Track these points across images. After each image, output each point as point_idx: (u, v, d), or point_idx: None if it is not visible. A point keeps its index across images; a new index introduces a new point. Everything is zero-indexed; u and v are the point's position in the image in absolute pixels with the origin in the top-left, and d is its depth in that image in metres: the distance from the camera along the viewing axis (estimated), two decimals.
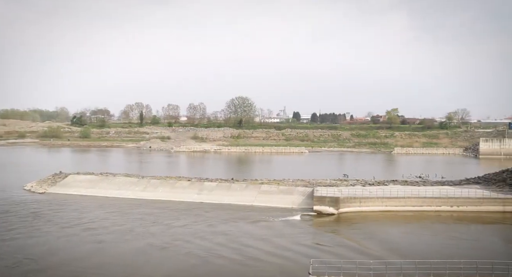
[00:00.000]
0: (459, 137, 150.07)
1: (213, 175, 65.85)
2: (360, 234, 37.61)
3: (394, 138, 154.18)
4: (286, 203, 48.40)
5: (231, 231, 37.76)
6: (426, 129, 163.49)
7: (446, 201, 46.34)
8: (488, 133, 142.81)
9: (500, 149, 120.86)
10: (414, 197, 46.69)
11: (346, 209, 45.34)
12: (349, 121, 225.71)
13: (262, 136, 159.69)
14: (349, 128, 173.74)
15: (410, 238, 36.78)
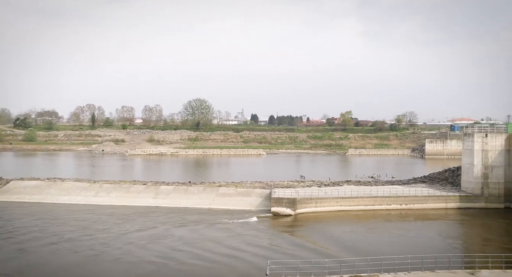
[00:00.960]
0: (407, 139, 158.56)
1: (170, 178, 64.54)
2: (316, 234, 38.54)
3: (348, 139, 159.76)
4: (244, 205, 48.52)
5: (187, 235, 37.19)
6: (377, 131, 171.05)
7: (395, 200, 48.76)
8: (433, 135, 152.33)
9: (443, 150, 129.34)
10: (366, 196, 48.69)
11: (303, 209, 46.29)
12: (306, 123, 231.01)
13: (220, 139, 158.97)
14: (305, 130, 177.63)
15: (363, 236, 38.24)
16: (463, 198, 49.58)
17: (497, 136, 50.85)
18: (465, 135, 53.41)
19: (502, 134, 51.10)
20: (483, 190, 49.99)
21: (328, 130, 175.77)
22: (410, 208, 48.01)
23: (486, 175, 50.31)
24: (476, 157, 50.60)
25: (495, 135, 50.92)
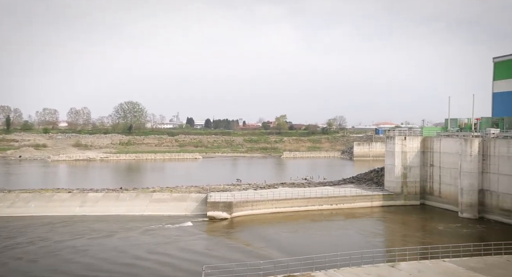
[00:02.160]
0: (337, 142, 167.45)
1: (99, 185, 60.81)
2: (252, 236, 38.93)
3: (283, 143, 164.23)
4: (179, 211, 47.43)
5: (118, 244, 35.35)
6: (310, 134, 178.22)
7: (327, 200, 51.14)
8: (360, 138, 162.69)
9: (369, 152, 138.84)
10: (300, 198, 50.41)
11: (239, 213, 46.53)
12: (242, 127, 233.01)
13: (154, 143, 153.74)
14: (242, 134, 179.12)
15: (297, 236, 39.50)
16: (386, 196, 53.60)
17: (414, 139, 55.86)
18: (388, 138, 57.84)
19: (418, 137, 56.27)
20: (403, 188, 54.52)
21: (264, 134, 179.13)
22: (340, 208, 50.66)
23: (405, 174, 54.96)
24: (396, 158, 55.04)
25: (413, 138, 55.91)
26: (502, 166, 44.16)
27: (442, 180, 52.55)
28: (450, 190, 50.89)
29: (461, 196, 46.79)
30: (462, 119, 61.97)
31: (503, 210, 43.87)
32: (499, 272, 23.45)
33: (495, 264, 24.83)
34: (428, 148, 55.26)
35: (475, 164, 46.20)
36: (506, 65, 62.88)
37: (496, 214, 44.49)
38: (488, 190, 45.77)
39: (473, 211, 45.90)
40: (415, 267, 24.21)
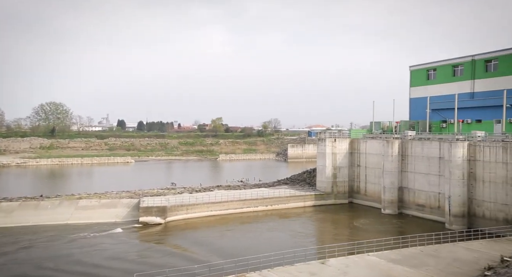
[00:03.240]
0: (272, 144, 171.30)
1: (15, 193, 55.18)
2: (186, 240, 38.18)
3: (219, 145, 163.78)
4: (109, 217, 44.91)
5: (37, 256, 32.40)
6: (246, 136, 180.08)
7: (262, 202, 52.02)
8: (294, 140, 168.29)
9: (303, 153, 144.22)
10: (236, 200, 50.64)
11: (174, 217, 45.40)
12: (177, 129, 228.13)
13: (81, 146, 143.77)
14: (177, 137, 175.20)
15: (232, 238, 39.57)
16: (318, 196, 56.04)
17: (343, 141, 59.21)
18: (319, 140, 60.59)
19: (347, 139, 59.77)
20: (333, 188, 57.46)
21: (200, 136, 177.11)
22: (275, 209, 51.85)
23: (335, 175, 57.99)
24: (327, 159, 57.86)
25: (342, 140, 59.23)
26: (418, 165, 48.62)
27: (368, 179, 56.36)
28: (375, 189, 54.76)
29: (384, 193, 50.59)
30: (385, 122, 67.19)
31: (418, 205, 48.31)
32: (414, 262, 25.73)
33: (411, 255, 27.21)
34: (356, 149, 58.94)
35: (395, 163, 50.27)
36: (420, 73, 69.57)
37: (413, 209, 48.83)
38: (406, 187, 50.07)
39: (393, 207, 49.86)
40: (343, 262, 25.60)
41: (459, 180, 41.55)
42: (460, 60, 62.91)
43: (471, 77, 61.00)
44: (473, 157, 41.69)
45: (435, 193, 46.18)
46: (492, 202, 39.96)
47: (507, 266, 22.38)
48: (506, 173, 38.64)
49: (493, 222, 39.06)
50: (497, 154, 39.56)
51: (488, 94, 56.57)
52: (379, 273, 23.73)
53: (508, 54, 56.36)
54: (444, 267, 24.74)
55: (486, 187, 40.48)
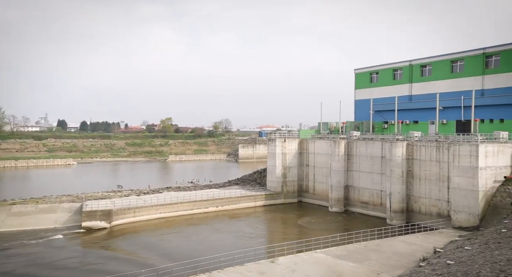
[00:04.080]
0: (223, 144, 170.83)
1: None
2: (134, 245, 36.83)
3: (168, 146, 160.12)
4: (47, 223, 42.08)
5: None
6: (197, 137, 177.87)
7: (212, 203, 51.64)
8: (245, 140, 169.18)
9: (253, 154, 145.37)
10: (186, 201, 49.78)
11: (120, 221, 43.62)
12: (124, 130, 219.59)
13: (16, 148, 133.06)
14: (123, 137, 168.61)
15: (182, 241, 38.81)
16: (268, 196, 56.76)
17: (292, 141, 60.53)
18: (270, 140, 61.41)
19: (296, 139, 61.18)
20: (283, 187, 58.53)
21: (148, 137, 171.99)
22: (226, 209, 51.71)
23: (285, 174, 59.11)
24: (277, 159, 58.82)
25: (291, 140, 60.52)
26: (362, 164, 51.04)
27: (316, 178, 58.13)
28: (322, 188, 56.61)
29: (331, 192, 52.47)
30: (332, 123, 69.78)
31: (362, 202, 50.73)
32: (358, 256, 26.97)
33: (355, 250, 28.48)
34: (305, 149, 60.52)
35: (342, 163, 52.35)
36: (364, 76, 73.15)
37: (358, 206, 51.17)
38: (351, 185, 52.33)
39: (340, 205, 51.89)
40: (292, 260, 26.15)
41: (398, 178, 44.23)
42: (399, 65, 67.08)
43: (409, 81, 65.29)
44: (411, 156, 44.60)
45: (378, 191, 48.77)
46: (427, 198, 43.02)
47: (439, 257, 24.21)
48: (439, 170, 41.81)
49: (428, 216, 42.07)
50: (431, 153, 42.68)
51: (424, 97, 60.89)
52: (326, 269, 24.54)
53: (440, 60, 61.10)
54: (385, 260, 26.19)
55: (422, 184, 43.49)
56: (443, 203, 41.35)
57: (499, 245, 21.75)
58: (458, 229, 35.39)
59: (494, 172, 36.13)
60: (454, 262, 20.88)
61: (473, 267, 17.77)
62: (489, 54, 55.54)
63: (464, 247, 24.71)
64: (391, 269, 24.25)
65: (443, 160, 41.44)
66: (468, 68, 57.42)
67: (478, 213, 35.07)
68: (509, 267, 15.59)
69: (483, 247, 22.71)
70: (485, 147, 35.74)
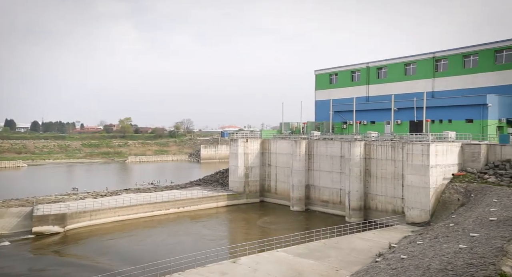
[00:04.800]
0: (185, 145, 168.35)
1: None
2: (90, 249, 35.33)
3: (128, 147, 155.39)
4: None
5: None
6: (157, 137, 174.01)
7: (174, 204, 50.69)
8: (207, 141, 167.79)
9: (216, 154, 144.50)
10: (146, 203, 48.49)
11: (75, 225, 41.72)
12: (80, 130, 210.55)
13: None
14: (79, 138, 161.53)
15: (141, 244, 37.73)
16: (230, 196, 56.61)
17: (254, 141, 60.78)
18: (232, 140, 61.28)
19: (258, 140, 61.50)
20: (245, 188, 58.62)
21: (106, 137, 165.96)
22: (187, 210, 50.96)
23: (247, 174, 59.23)
24: (240, 160, 58.82)
25: (254, 140, 60.75)
26: (322, 163, 52.25)
27: (278, 178, 58.75)
28: (284, 187, 57.32)
29: (292, 191, 53.24)
30: (293, 123, 70.90)
31: (322, 201, 51.94)
32: (318, 254, 27.57)
33: (316, 248, 29.09)
34: (266, 149, 60.98)
35: (303, 162, 53.28)
36: (324, 78, 75.01)
37: (318, 205, 52.33)
38: (312, 185, 53.42)
39: (301, 204, 52.79)
40: (253, 260, 26.22)
41: (357, 177, 45.73)
42: (357, 67, 69.45)
43: (366, 82, 67.78)
44: (368, 155, 46.28)
45: (337, 189, 50.13)
46: (383, 196, 44.84)
47: (393, 252, 25.29)
48: (394, 169, 43.71)
49: (384, 213, 43.84)
50: (387, 153, 44.53)
51: (380, 98, 63.44)
52: (287, 267, 24.84)
53: (394, 63, 63.99)
54: (344, 257, 26.96)
55: (379, 182, 45.27)
56: (397, 200, 43.26)
57: (447, 238, 23.07)
58: (411, 224, 37.17)
59: (443, 170, 38.31)
60: (407, 256, 21.87)
61: (424, 260, 18.71)
62: (438, 58, 58.89)
63: (416, 241, 25.97)
64: (349, 265, 24.99)
65: (398, 159, 43.36)
66: (420, 71, 60.58)
67: (429, 209, 37.02)
68: (456, 259, 16.58)
69: (433, 241, 23.99)
70: (435, 146, 37.81)
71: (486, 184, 34.89)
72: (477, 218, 26.11)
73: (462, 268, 14.75)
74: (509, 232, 19.42)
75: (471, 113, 48.67)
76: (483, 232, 21.44)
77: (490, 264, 14.10)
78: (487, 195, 31.93)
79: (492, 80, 52.43)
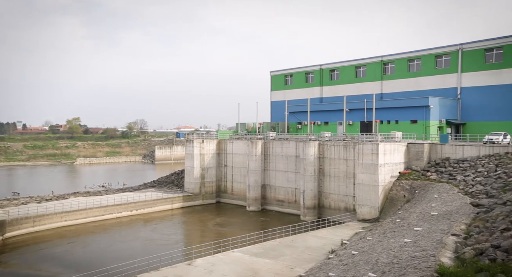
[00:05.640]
0: (139, 146, 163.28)
1: None
2: (32, 258, 33.10)
3: (76, 148, 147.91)
4: None
5: None
6: (109, 138, 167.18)
7: (126, 207, 48.92)
8: (162, 142, 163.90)
9: (171, 155, 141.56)
10: (96, 207, 46.36)
11: (16, 232, 38.92)
12: (22, 131, 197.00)
13: None
14: (21, 139, 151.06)
15: (91, 250, 36.01)
16: (186, 197, 55.69)
17: (210, 142, 60.28)
18: (188, 141, 60.31)
19: (214, 140, 61.07)
20: (201, 189, 57.96)
21: (52, 139, 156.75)
22: (141, 213, 49.41)
23: (203, 175, 58.60)
24: (195, 160, 58.04)
25: (210, 141, 60.23)
26: (278, 163, 52.97)
27: (234, 178, 58.69)
28: (240, 187, 57.39)
29: (249, 191, 53.44)
30: (249, 124, 71.24)
31: (278, 200, 52.66)
32: (273, 253, 27.89)
33: (271, 247, 29.41)
34: (223, 150, 60.71)
35: (259, 163, 53.66)
36: (279, 79, 76.17)
37: (274, 204, 52.97)
38: (268, 184, 53.97)
39: (257, 204, 53.14)
40: (209, 261, 25.97)
41: (311, 176, 46.85)
42: (311, 68, 71.27)
43: (320, 84, 69.74)
44: (322, 155, 47.60)
45: (292, 189, 51.05)
46: (336, 194, 46.34)
47: (345, 248, 26.23)
48: (346, 168, 45.34)
49: (337, 211, 45.33)
50: (340, 152, 46.09)
51: (333, 99, 65.56)
52: (242, 267, 24.86)
53: (346, 65, 66.44)
54: (298, 255, 27.49)
55: (332, 181, 46.73)
56: (349, 198, 44.91)
57: (394, 233, 24.32)
58: (362, 221, 38.75)
59: (391, 168, 40.35)
60: (357, 252, 22.76)
61: (373, 255, 19.56)
62: (386, 61, 61.99)
63: (366, 237, 27.11)
64: (303, 263, 25.52)
65: (349, 158, 45.01)
66: (370, 73, 63.41)
67: (378, 206, 38.81)
68: (401, 252, 17.51)
69: (382, 236, 25.17)
70: (384, 146, 39.72)
71: (429, 181, 37.22)
72: (421, 213, 27.76)
73: (407, 260, 15.59)
74: (448, 225, 20.84)
75: (416, 114, 51.71)
76: (426, 226, 22.83)
77: (431, 256, 15.03)
78: (429, 191, 34.07)
79: (434, 83, 56.14)
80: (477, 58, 52.19)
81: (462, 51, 53.48)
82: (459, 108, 54.02)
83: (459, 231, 19.15)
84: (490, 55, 51.50)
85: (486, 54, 51.67)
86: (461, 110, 53.95)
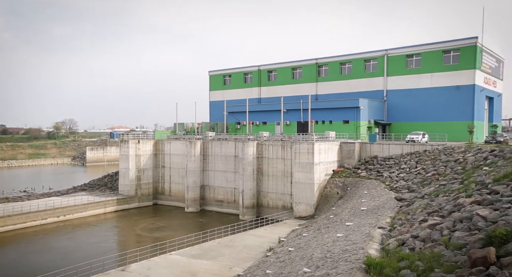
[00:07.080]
0: (67, 147, 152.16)
1: None
2: None
3: None
4: None
5: None
6: (32, 139, 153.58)
7: (52, 213, 45.35)
8: (94, 142, 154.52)
9: (104, 156, 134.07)
10: (16, 214, 42.35)
11: None
12: None
13: None
14: None
15: (9, 261, 32.73)
16: (120, 200, 53.10)
17: (147, 142, 58.14)
18: (122, 141, 57.54)
19: (151, 141, 59.02)
20: (137, 191, 55.67)
21: None
22: (69, 219, 46.15)
23: (139, 177, 56.33)
24: (131, 162, 55.59)
25: (146, 141, 58.07)
26: (217, 163, 52.71)
27: (172, 179, 57.24)
28: (179, 188, 56.13)
29: (187, 192, 52.48)
30: (188, 124, 70.01)
31: (217, 201, 52.42)
32: (212, 254, 27.67)
33: (210, 248, 29.14)
34: (160, 150, 58.90)
35: (198, 163, 52.93)
36: (218, 79, 75.91)
37: (213, 205, 52.62)
38: (207, 185, 53.47)
39: (196, 205, 52.39)
40: (145, 265, 24.99)
41: (250, 176, 47.31)
42: (249, 69, 72.03)
43: (258, 84, 70.78)
44: (261, 155, 48.31)
45: (232, 189, 51.13)
46: (274, 193, 47.32)
47: (282, 245, 26.88)
48: (284, 167, 46.51)
49: (275, 209, 46.33)
50: (277, 152, 47.14)
51: (271, 100, 66.91)
52: (180, 270, 24.30)
53: (283, 67, 68.23)
54: (237, 254, 27.57)
55: (270, 180, 47.63)
56: (287, 196, 46.12)
57: (328, 229, 25.45)
58: (299, 218, 40.01)
59: (325, 166, 42.21)
60: (294, 248, 23.42)
61: (308, 251, 20.27)
62: (320, 64, 64.75)
63: (302, 234, 28.03)
64: (242, 262, 25.64)
65: (287, 158, 46.23)
66: (305, 75, 65.79)
67: (313, 203, 40.36)
68: (334, 247, 18.38)
69: (316, 232, 26.20)
70: (319, 145, 41.42)
71: (359, 178, 39.57)
72: (352, 208, 29.39)
73: (339, 254, 16.38)
74: (375, 219, 22.31)
75: (347, 115, 54.70)
76: (356, 221, 24.21)
77: (360, 248, 15.96)
78: (360, 188, 36.23)
79: (363, 85, 59.88)
80: (400, 63, 56.71)
81: (387, 56, 57.72)
82: (385, 109, 58.19)
83: (384, 224, 20.57)
84: (410, 61, 56.25)
85: (407, 60, 56.34)
86: (387, 111, 58.18)
